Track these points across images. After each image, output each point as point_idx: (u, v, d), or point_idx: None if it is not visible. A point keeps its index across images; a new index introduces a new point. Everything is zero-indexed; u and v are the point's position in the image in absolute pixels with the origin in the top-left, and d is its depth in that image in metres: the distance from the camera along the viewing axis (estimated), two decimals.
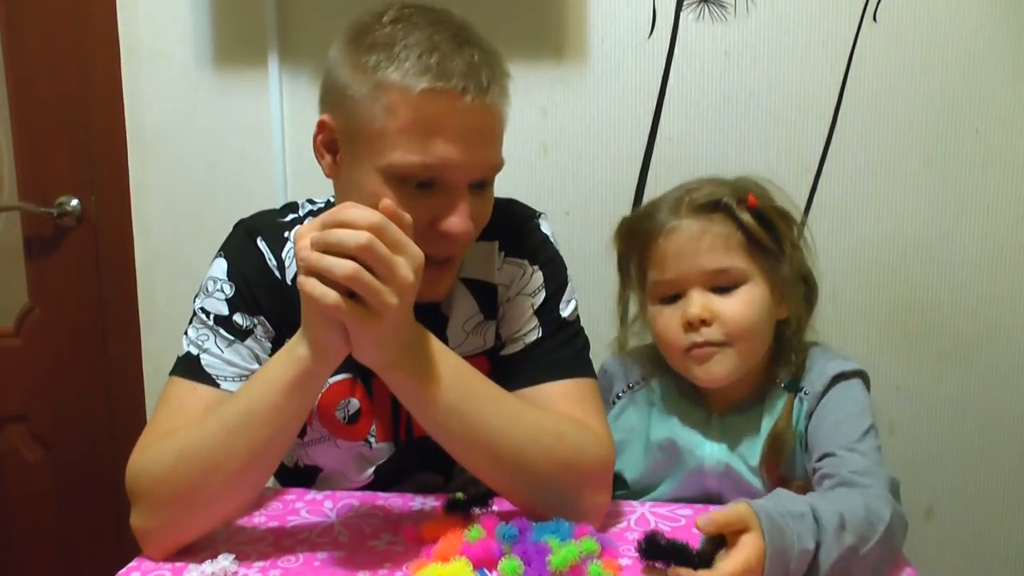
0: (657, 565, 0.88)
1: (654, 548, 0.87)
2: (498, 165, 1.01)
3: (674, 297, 1.14)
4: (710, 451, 1.16)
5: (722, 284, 1.11)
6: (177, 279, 1.76)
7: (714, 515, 0.86)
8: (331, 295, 0.84)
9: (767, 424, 1.14)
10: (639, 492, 1.20)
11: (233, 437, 0.93)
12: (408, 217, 0.88)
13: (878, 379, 1.62)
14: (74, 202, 1.78)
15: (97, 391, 1.86)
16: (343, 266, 0.83)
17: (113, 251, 1.79)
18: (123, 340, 1.82)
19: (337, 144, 1.00)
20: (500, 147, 1.01)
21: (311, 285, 0.85)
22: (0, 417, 1.87)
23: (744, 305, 1.10)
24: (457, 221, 0.97)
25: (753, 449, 1.14)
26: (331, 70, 0.99)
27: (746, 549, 0.83)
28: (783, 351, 1.16)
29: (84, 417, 1.87)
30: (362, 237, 0.83)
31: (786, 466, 1.13)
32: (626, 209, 1.59)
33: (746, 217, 1.11)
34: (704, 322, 1.10)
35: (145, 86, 1.73)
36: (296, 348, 0.92)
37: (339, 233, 0.84)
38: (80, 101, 1.75)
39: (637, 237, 1.19)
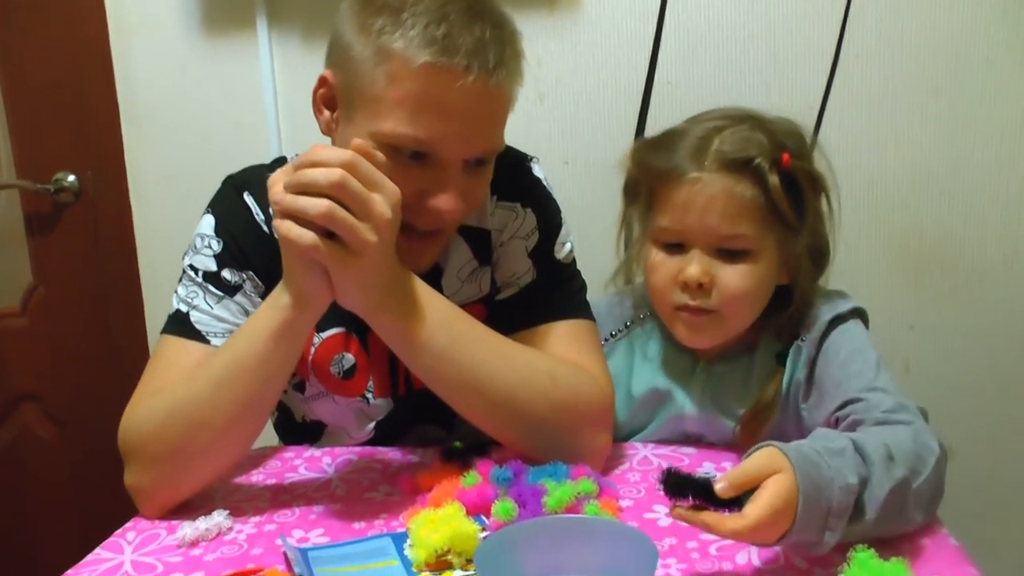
0: (680, 503, 0.77)
1: (678, 484, 0.76)
2: (496, 147, 0.98)
3: (675, 246, 1.06)
4: (692, 400, 1.12)
5: (729, 248, 1.03)
6: (177, 249, 1.71)
7: (733, 474, 0.76)
8: (307, 235, 0.82)
9: (756, 376, 1.10)
10: (620, 438, 1.16)
11: (220, 391, 0.92)
12: (381, 156, 0.86)
13: (891, 318, 1.60)
14: (71, 178, 1.77)
15: (106, 366, 1.86)
16: (317, 204, 0.81)
17: (112, 225, 1.79)
18: (127, 313, 1.82)
19: (335, 102, 0.98)
20: (501, 129, 0.98)
21: (287, 227, 0.83)
22: (13, 396, 1.88)
23: (746, 278, 1.03)
24: (446, 199, 0.94)
25: (738, 399, 1.10)
26: (339, 26, 0.96)
27: (772, 490, 0.74)
28: (779, 311, 1.09)
29: (95, 393, 1.87)
30: (334, 174, 0.81)
31: (770, 434, 1.05)
32: (626, 157, 1.56)
33: (774, 181, 1.01)
34: (701, 286, 1.04)
35: (135, 57, 1.72)
36: (279, 298, 0.91)
37: (311, 172, 0.82)
38: (71, 75, 1.74)
39: (651, 172, 1.08)
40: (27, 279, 1.84)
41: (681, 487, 0.76)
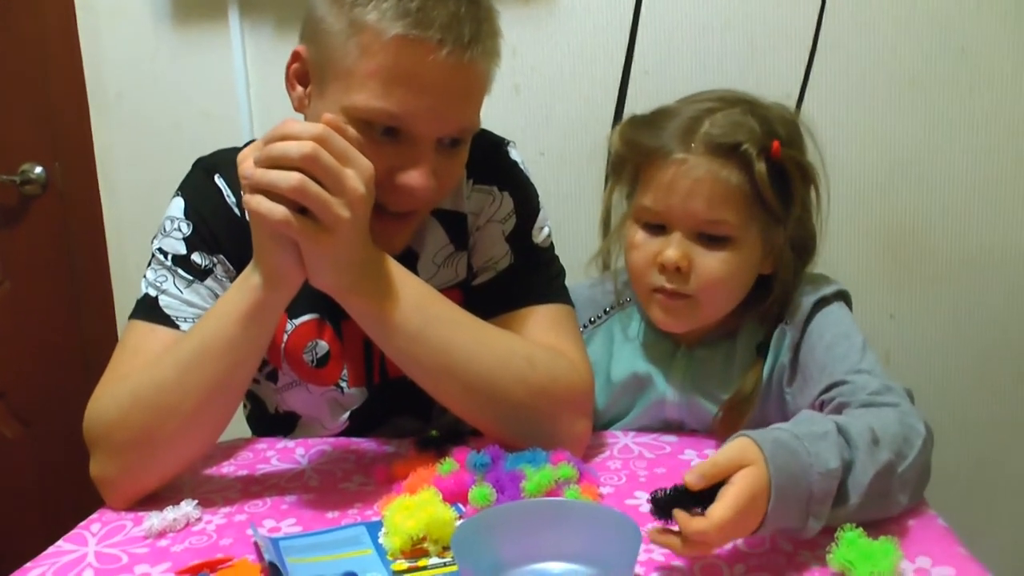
0: (661, 524, 0.75)
1: (661, 505, 0.74)
2: (471, 126, 0.96)
3: (657, 227, 1.04)
4: (672, 386, 1.10)
5: (710, 233, 1.01)
6: (147, 241, 1.71)
7: (703, 466, 0.74)
8: (278, 210, 0.80)
9: (738, 361, 1.08)
10: (600, 427, 1.14)
11: (187, 375, 0.89)
12: (353, 131, 0.84)
13: (871, 308, 1.59)
14: (38, 169, 1.74)
15: (74, 363, 1.82)
16: (288, 178, 0.79)
17: (81, 217, 1.75)
18: (96, 309, 1.79)
19: (308, 77, 0.96)
20: (476, 107, 0.95)
21: (257, 201, 0.80)
22: None
23: (724, 265, 1.01)
24: (417, 176, 0.91)
25: (719, 385, 1.08)
26: (312, 7, 0.94)
27: (737, 486, 0.72)
28: (761, 298, 1.07)
29: (62, 391, 1.83)
30: (306, 147, 0.79)
31: (754, 420, 1.04)
32: (602, 147, 1.54)
33: (760, 169, 0.98)
34: (679, 270, 1.02)
35: (104, 45, 1.69)
36: (249, 278, 0.88)
37: (282, 146, 0.79)
38: (38, 64, 1.70)
39: (638, 150, 1.05)
40: None
41: (669, 504, 0.74)
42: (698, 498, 0.73)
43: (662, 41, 1.56)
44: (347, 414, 1.12)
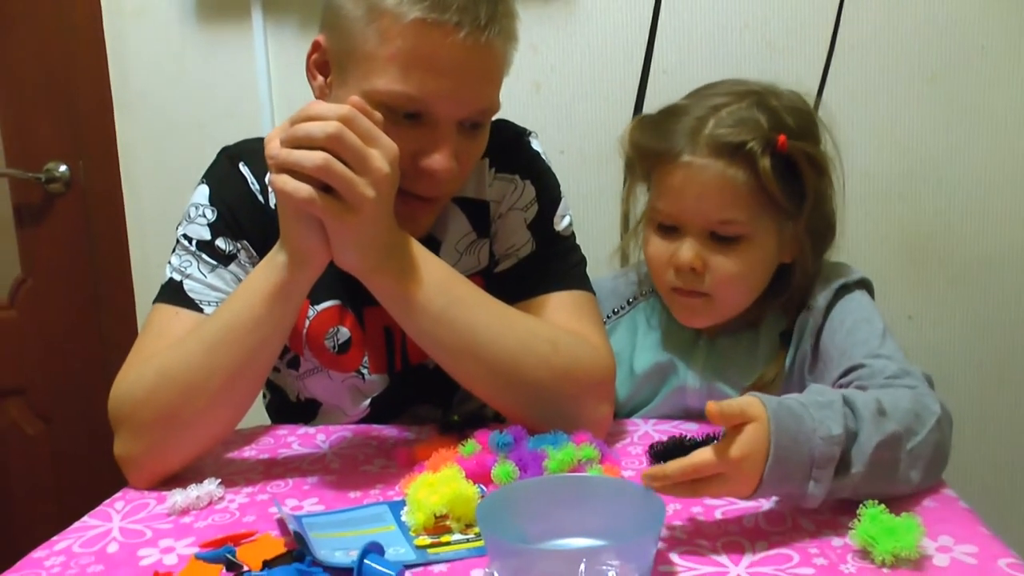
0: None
1: (658, 456, 0.79)
2: (491, 107, 0.97)
3: (671, 228, 1.05)
4: (694, 373, 1.10)
5: (723, 233, 1.02)
6: (169, 241, 1.72)
7: (719, 404, 0.75)
8: (304, 188, 0.81)
9: (761, 350, 1.08)
10: (623, 416, 1.14)
11: (214, 354, 0.90)
12: (378, 115, 0.85)
13: (890, 309, 1.57)
14: (62, 167, 1.75)
15: (95, 361, 1.83)
16: (313, 157, 0.80)
17: (104, 215, 1.77)
18: (117, 307, 1.80)
19: (328, 66, 0.97)
20: (495, 89, 0.96)
21: (283, 181, 0.81)
22: None
23: (738, 263, 1.02)
24: (440, 159, 0.92)
25: (741, 373, 1.08)
26: None
27: (732, 440, 0.74)
28: (783, 287, 1.08)
29: (83, 389, 1.84)
30: (331, 126, 0.80)
31: None
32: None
33: (764, 165, 0.98)
34: (693, 270, 1.03)
35: (129, 45, 1.71)
36: (275, 257, 0.89)
37: (307, 126, 0.81)
38: (64, 64, 1.72)
39: (646, 153, 1.06)
40: (15, 271, 1.82)
41: (665, 455, 0.76)
42: (695, 447, 0.75)
43: (681, 41, 1.57)
44: (368, 401, 1.13)
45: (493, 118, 1.09)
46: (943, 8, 1.51)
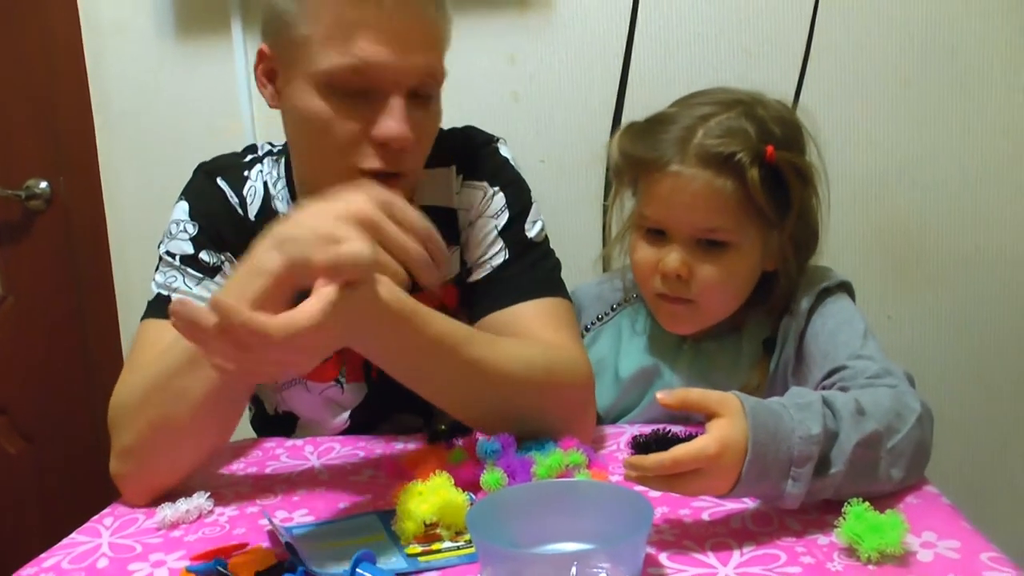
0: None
1: (641, 448, 0.77)
2: (435, 74, 0.97)
3: (658, 233, 1.06)
4: (679, 377, 1.11)
5: (709, 238, 1.03)
6: (153, 257, 1.72)
7: (683, 390, 0.78)
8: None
9: (745, 354, 1.10)
10: (609, 422, 1.15)
11: (197, 363, 0.89)
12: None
13: (869, 310, 1.57)
14: (43, 184, 1.75)
15: (77, 379, 1.82)
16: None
17: (86, 232, 1.76)
18: (101, 324, 1.79)
19: (276, 72, 0.99)
20: (436, 55, 0.97)
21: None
22: None
23: (724, 271, 1.04)
24: (392, 124, 0.92)
25: (726, 378, 1.09)
26: (265, 2, 0.98)
27: (710, 434, 0.75)
28: (767, 293, 1.10)
29: (66, 408, 1.83)
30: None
31: None
32: (602, 154, 1.56)
33: (752, 176, 0.99)
34: (679, 276, 1.04)
35: (109, 61, 1.71)
36: (255, 257, 0.87)
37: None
38: (43, 80, 1.72)
39: (634, 161, 1.07)
40: None
41: (647, 447, 0.76)
42: (676, 442, 0.75)
43: (658, 49, 1.59)
44: (347, 414, 1.13)
45: (461, 126, 1.11)
46: (914, 13, 1.53)
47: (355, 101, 0.92)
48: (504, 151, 1.13)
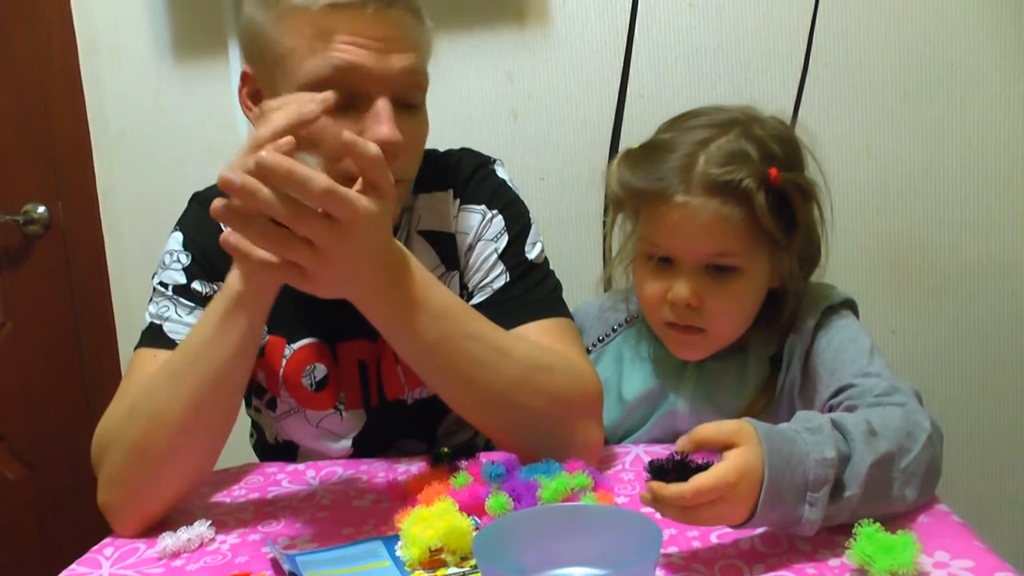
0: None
1: (657, 474, 0.76)
2: (416, 75, 0.95)
3: (664, 259, 1.04)
4: (684, 398, 1.10)
5: (718, 263, 1.02)
6: (150, 282, 1.72)
7: (697, 430, 0.76)
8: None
9: (751, 372, 1.08)
10: (614, 442, 1.14)
11: (176, 383, 0.89)
12: (329, 94, 0.83)
13: (873, 324, 1.60)
14: (40, 209, 1.74)
15: (77, 405, 1.81)
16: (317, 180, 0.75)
17: (84, 257, 1.75)
18: (100, 349, 1.78)
19: (259, 93, 0.98)
20: (417, 57, 0.95)
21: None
22: None
23: (734, 298, 1.03)
24: (381, 128, 0.90)
25: (732, 396, 1.08)
26: (245, 23, 0.97)
27: (728, 462, 0.74)
28: (771, 310, 1.08)
29: (65, 433, 1.82)
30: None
31: None
32: (601, 172, 1.56)
33: (760, 201, 0.98)
34: (690, 305, 1.02)
35: (106, 84, 1.71)
36: (228, 278, 0.88)
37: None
38: (40, 104, 1.72)
39: (635, 193, 1.05)
40: None
41: (664, 473, 0.75)
42: (694, 471, 0.74)
43: (656, 64, 1.59)
44: (350, 441, 1.12)
45: (457, 149, 1.11)
46: (912, 28, 1.53)
47: (342, 112, 0.91)
48: (501, 172, 1.12)
